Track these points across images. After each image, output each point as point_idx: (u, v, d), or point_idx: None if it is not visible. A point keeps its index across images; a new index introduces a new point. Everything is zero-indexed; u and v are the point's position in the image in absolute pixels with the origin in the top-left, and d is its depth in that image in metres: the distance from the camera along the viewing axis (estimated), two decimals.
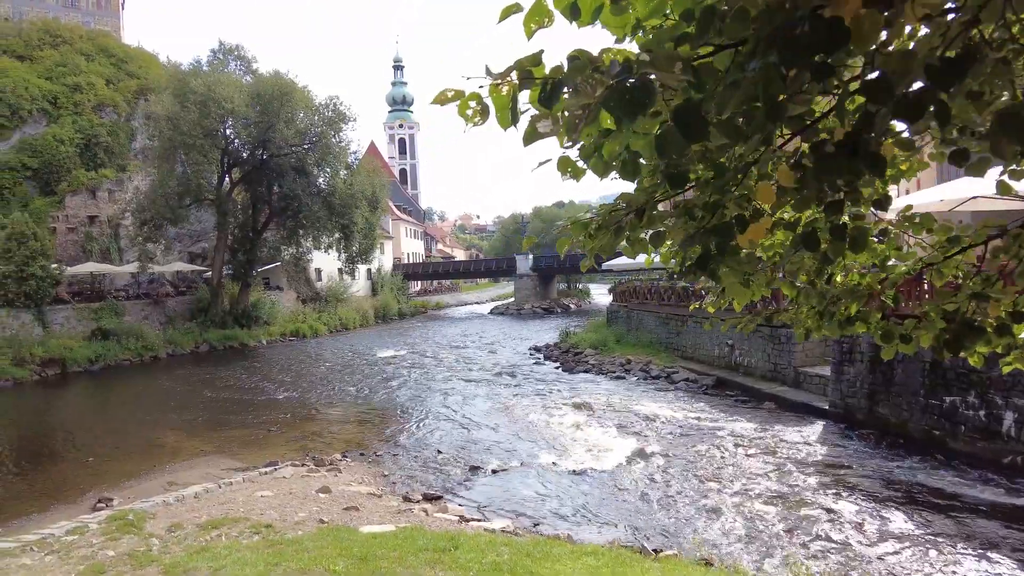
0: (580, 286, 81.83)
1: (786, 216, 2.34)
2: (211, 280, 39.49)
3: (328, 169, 39.86)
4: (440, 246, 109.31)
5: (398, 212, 75.95)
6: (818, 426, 15.25)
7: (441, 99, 1.54)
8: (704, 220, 1.89)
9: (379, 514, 9.72)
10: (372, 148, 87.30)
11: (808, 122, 1.66)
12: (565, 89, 1.40)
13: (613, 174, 1.85)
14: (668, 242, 2.13)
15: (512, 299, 67.45)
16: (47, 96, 42.44)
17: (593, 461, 13.49)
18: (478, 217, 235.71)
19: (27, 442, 18.46)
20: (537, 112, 1.51)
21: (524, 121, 1.51)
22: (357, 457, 14.36)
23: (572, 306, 65.98)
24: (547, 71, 1.47)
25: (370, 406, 20.70)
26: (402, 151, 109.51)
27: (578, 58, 1.39)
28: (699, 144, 1.57)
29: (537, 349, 31.99)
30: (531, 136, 1.53)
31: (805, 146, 1.73)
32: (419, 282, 74.42)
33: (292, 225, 40.17)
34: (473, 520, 9.94)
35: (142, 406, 22.87)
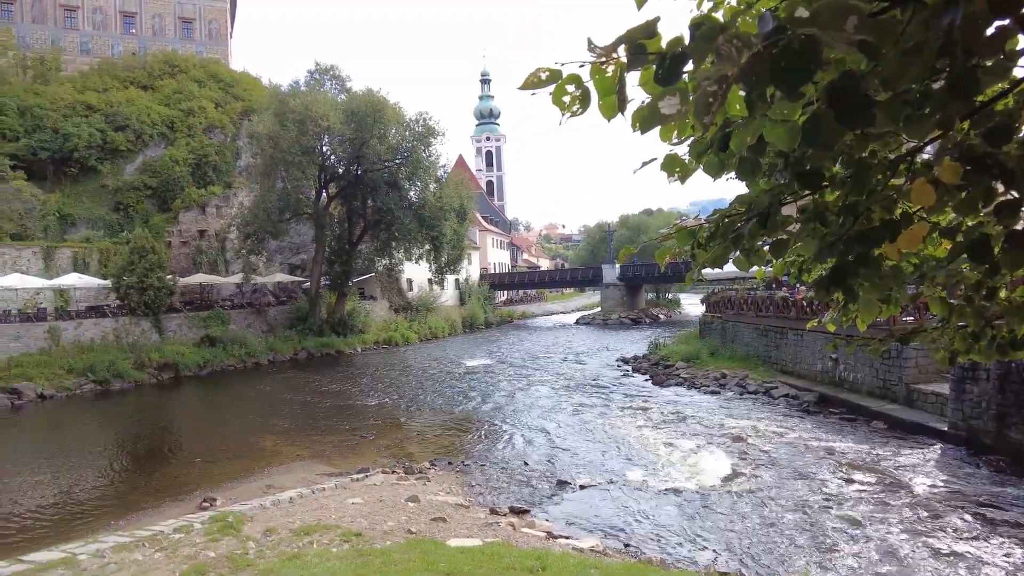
0: (670, 296, 79.65)
1: (942, 221, 1.97)
2: (310, 290, 41.29)
3: (419, 183, 40.83)
4: (525, 256, 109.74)
5: (485, 223, 76.90)
6: (936, 449, 13.95)
7: (532, 82, 1.32)
8: (844, 226, 1.58)
9: (466, 526, 9.64)
10: (460, 161, 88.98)
11: (982, 101, 1.33)
12: (688, 65, 1.16)
13: (728, 174, 1.59)
14: (792, 252, 1.82)
15: (598, 309, 66.59)
16: (165, 121, 45.94)
17: (686, 480, 12.90)
18: (563, 227, 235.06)
19: (145, 440, 19.81)
20: (649, 97, 1.27)
21: (635, 107, 1.26)
22: (445, 466, 14.41)
23: (661, 316, 64.34)
24: (663, 45, 1.22)
25: (458, 415, 20.83)
26: (489, 163, 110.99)
27: (703, 25, 1.12)
28: (849, 134, 1.28)
29: (625, 361, 31.29)
30: (650, 120, 1.26)
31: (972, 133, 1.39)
32: (505, 292, 74.92)
33: (385, 237, 41.45)
34: (561, 537, 9.68)
35: (245, 410, 24.08)
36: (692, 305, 76.03)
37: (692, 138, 1.68)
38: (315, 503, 10.67)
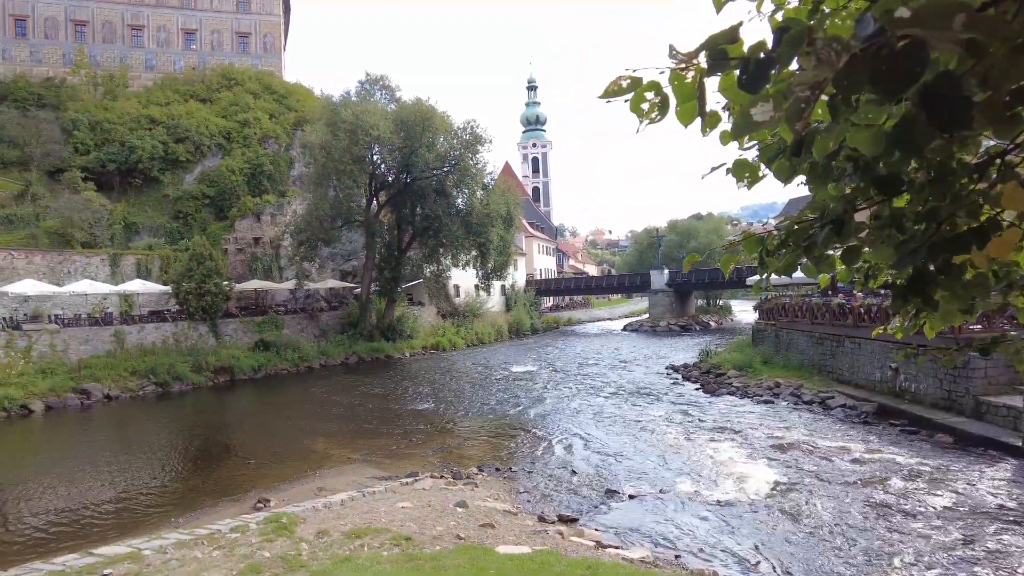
0: (720, 302, 78.19)
1: None
2: (360, 296, 42.08)
3: (466, 190, 41.24)
4: (572, 262, 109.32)
5: (531, 229, 77.01)
6: (1009, 466, 13.25)
7: (613, 90, 1.31)
8: (926, 232, 1.51)
9: (514, 533, 9.62)
10: (507, 168, 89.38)
11: None
12: (774, 69, 1.13)
13: (798, 179, 1.54)
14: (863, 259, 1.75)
15: (646, 315, 65.77)
16: (222, 132, 47.65)
17: (738, 491, 12.59)
18: (610, 232, 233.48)
19: (202, 441, 20.49)
20: (728, 102, 1.24)
21: (716, 114, 1.23)
22: (493, 472, 14.43)
23: (712, 323, 63.11)
24: (745, 49, 1.18)
25: (505, 421, 20.85)
26: (535, 169, 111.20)
27: (788, 29, 1.10)
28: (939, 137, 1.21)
29: (675, 369, 30.80)
30: (743, 127, 1.21)
31: None
32: (551, 298, 74.76)
33: (433, 244, 41.98)
34: (610, 547, 9.56)
35: (297, 413, 24.65)
36: (744, 312, 74.48)
37: (757, 143, 1.64)
38: (365, 506, 10.82)
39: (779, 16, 1.87)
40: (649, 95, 1.32)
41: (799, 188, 1.98)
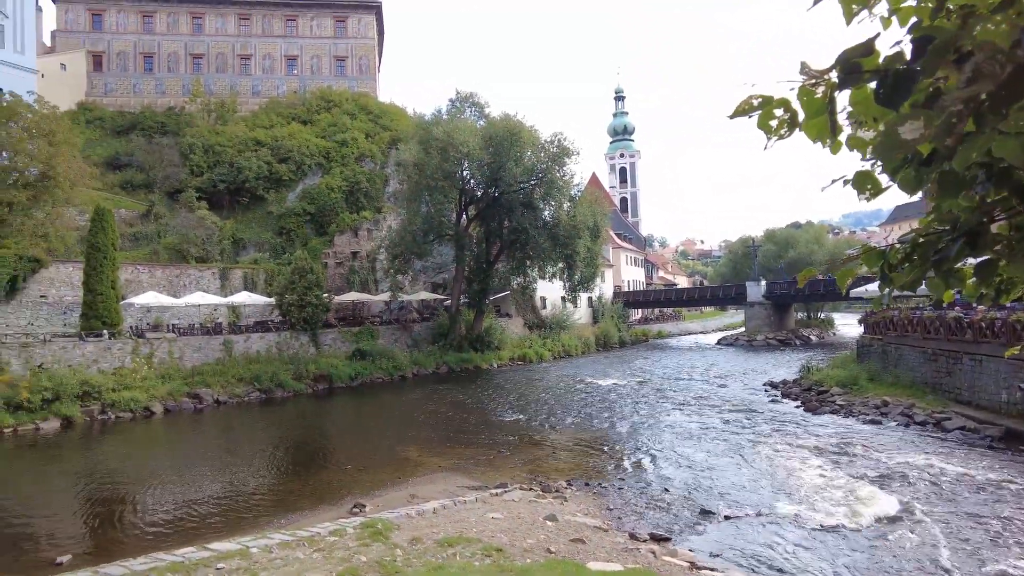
0: (822, 315, 74.33)
1: None
2: (450, 307, 43.02)
3: (553, 202, 41.36)
4: (661, 273, 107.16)
5: (619, 240, 76.16)
6: None
7: (743, 109, 1.29)
8: None
9: (605, 550, 9.47)
10: (593, 179, 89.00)
11: None
12: (915, 82, 1.06)
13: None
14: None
15: (741, 329, 63.46)
16: (322, 152, 50.29)
17: (845, 516, 11.85)
18: (701, 242, 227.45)
19: (302, 445, 21.50)
20: (854, 114, 1.19)
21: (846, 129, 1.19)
22: (582, 487, 14.29)
23: (812, 338, 60.02)
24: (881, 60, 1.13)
25: (593, 435, 20.63)
26: (623, 180, 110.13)
27: (932, 38, 1.03)
28: None
29: (773, 385, 29.48)
30: (890, 146, 1.15)
31: None
32: (639, 310, 73.51)
33: (520, 256, 42.37)
34: (705, 568, 9.23)
35: (391, 421, 25.43)
36: (847, 325, 70.49)
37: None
38: (456, 515, 10.98)
39: (894, 19, 1.77)
40: (778, 112, 1.28)
41: (902, 194, 1.85)
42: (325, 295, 36.89)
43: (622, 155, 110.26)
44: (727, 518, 12.08)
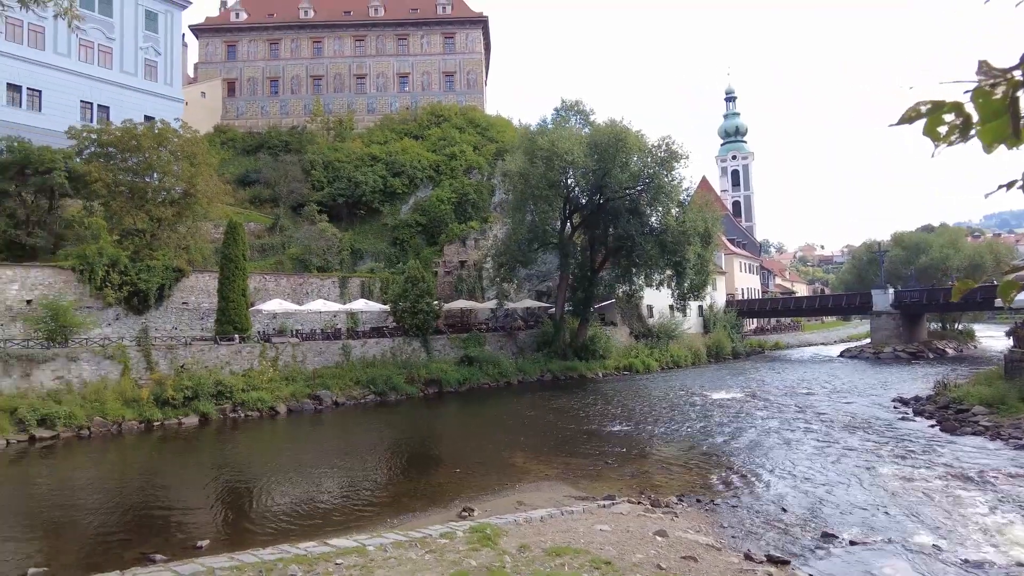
0: (960, 326, 67.74)
1: None
2: (554, 315, 43.09)
3: (660, 208, 40.43)
4: (778, 280, 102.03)
5: (731, 246, 73.27)
6: None
7: (911, 116, 1.18)
8: None
9: (718, 569, 9.09)
10: (704, 183, 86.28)
11: None
12: None
13: None
14: None
15: (867, 340, 59.11)
16: (432, 165, 52.14)
17: (993, 550, 10.69)
18: (821, 247, 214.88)
19: (413, 447, 22.23)
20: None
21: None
22: (693, 502, 13.80)
23: (949, 351, 54.89)
24: None
25: (704, 449, 19.89)
26: (735, 183, 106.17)
27: None
28: None
29: (903, 402, 27.20)
30: None
31: None
32: (754, 319, 70.27)
33: (626, 264, 41.76)
34: None
35: (497, 426, 25.77)
36: (990, 338, 64.02)
37: None
38: (564, 525, 10.91)
39: None
40: (948, 117, 1.16)
41: None
42: (435, 302, 38.06)
43: (734, 157, 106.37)
44: (852, 543, 11.23)
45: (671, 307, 46.20)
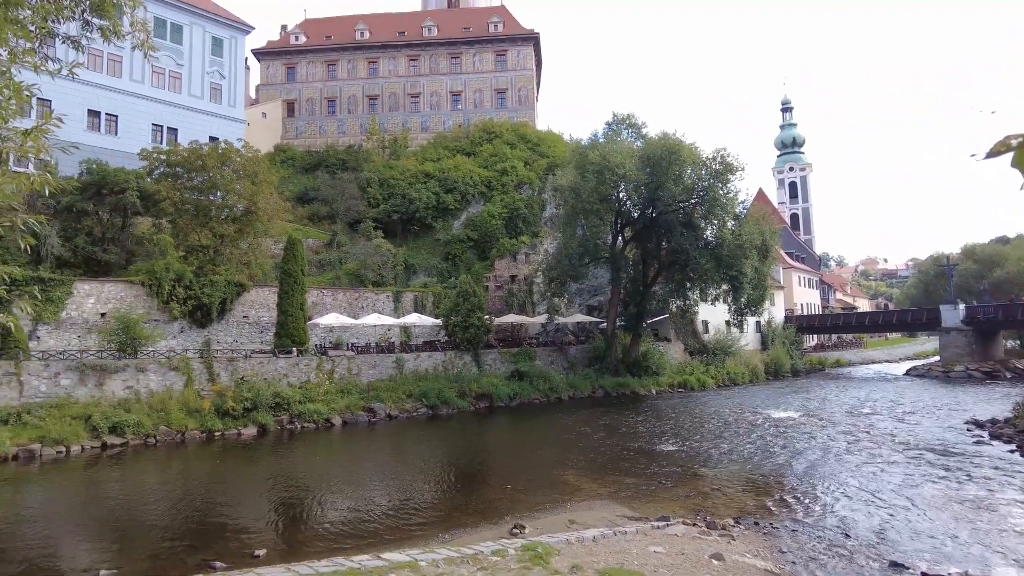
0: None
1: None
2: (606, 330, 42.68)
3: (715, 221, 39.65)
4: (839, 295, 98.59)
5: (789, 260, 71.24)
6: None
7: (999, 150, 1.14)
8: None
9: None
10: (760, 195, 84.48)
11: None
12: None
13: None
14: None
15: (935, 358, 56.35)
16: (484, 181, 52.73)
17: None
18: (884, 261, 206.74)
19: (464, 462, 22.30)
20: None
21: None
22: (751, 525, 13.35)
23: None
24: None
25: (762, 471, 19.26)
26: (793, 195, 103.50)
27: None
28: None
29: (978, 424, 25.75)
30: None
31: None
32: (814, 336, 67.99)
33: (679, 278, 41.09)
34: None
35: (548, 442, 25.60)
36: None
37: None
38: (616, 546, 10.73)
39: None
40: None
41: None
42: (486, 317, 38.26)
43: (791, 168, 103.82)
44: (925, 575, 10.65)
45: (727, 323, 45.13)
